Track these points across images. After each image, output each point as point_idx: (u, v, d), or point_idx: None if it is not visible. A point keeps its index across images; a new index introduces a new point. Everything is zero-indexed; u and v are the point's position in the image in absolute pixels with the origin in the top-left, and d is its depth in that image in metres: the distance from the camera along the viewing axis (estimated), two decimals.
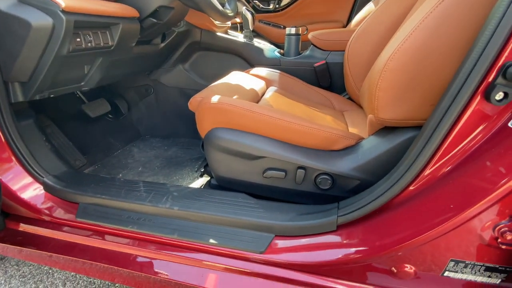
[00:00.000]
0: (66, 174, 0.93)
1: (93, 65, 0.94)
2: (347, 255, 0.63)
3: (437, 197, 0.52)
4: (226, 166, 0.84)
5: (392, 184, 0.59)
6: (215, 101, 0.81)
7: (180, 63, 1.45)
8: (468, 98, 0.47)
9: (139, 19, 0.97)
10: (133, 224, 0.79)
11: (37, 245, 0.88)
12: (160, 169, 1.27)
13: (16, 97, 0.82)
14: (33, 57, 0.74)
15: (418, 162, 0.55)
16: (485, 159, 0.47)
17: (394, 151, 0.69)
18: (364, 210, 0.62)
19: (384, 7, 1.04)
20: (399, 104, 0.63)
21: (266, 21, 2.32)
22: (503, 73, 0.44)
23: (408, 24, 0.60)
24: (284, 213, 0.73)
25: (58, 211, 0.87)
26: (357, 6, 2.18)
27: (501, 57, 0.45)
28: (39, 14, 0.69)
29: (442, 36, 0.54)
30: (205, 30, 1.38)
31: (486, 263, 0.53)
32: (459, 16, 0.52)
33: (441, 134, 0.51)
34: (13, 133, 0.81)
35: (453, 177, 0.51)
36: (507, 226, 0.47)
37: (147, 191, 0.85)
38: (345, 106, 1.22)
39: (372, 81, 0.66)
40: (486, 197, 0.46)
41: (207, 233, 0.74)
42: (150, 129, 1.61)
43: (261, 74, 1.28)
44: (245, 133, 0.81)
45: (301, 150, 0.79)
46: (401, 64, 0.59)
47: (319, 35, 1.33)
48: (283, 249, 0.69)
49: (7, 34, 0.71)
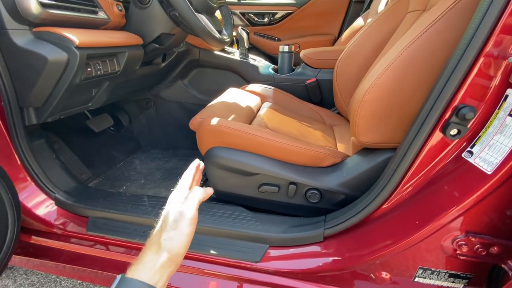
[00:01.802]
0: (76, 189, 1.00)
1: (100, 88, 1.02)
2: (332, 263, 0.71)
3: (406, 214, 0.61)
4: (225, 182, 0.92)
5: (370, 201, 0.67)
6: (214, 124, 0.89)
7: (180, 79, 1.52)
8: (429, 132, 0.56)
9: (142, 45, 1.05)
10: (140, 236, 0.86)
11: (50, 256, 0.95)
12: (162, 181, 1.34)
13: (30, 121, 0.90)
14: (48, 87, 0.82)
15: (391, 183, 0.64)
16: (443, 184, 0.56)
17: (374, 170, 0.77)
18: (346, 224, 0.71)
19: (368, 32, 1.13)
20: (376, 129, 0.72)
21: (261, 33, 2.41)
22: (456, 113, 0.53)
23: (383, 62, 0.69)
24: (277, 225, 0.81)
25: (69, 224, 0.94)
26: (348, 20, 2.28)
27: (455, 99, 0.54)
28: (55, 50, 0.77)
29: (410, 75, 0.63)
30: (203, 49, 1.47)
31: (449, 270, 0.61)
32: (423, 59, 0.62)
33: (409, 160, 0.60)
34: (28, 155, 0.88)
35: (419, 198, 0.60)
36: (463, 240, 0.55)
37: (152, 205, 0.93)
38: (335, 120, 1.31)
39: (354, 109, 0.75)
40: (444, 216, 0.54)
41: (208, 244, 0.81)
42: (151, 141, 1.68)
43: (256, 90, 1.36)
44: (242, 152, 0.89)
45: (292, 167, 0.88)
46: (377, 96, 0.68)
47: (309, 54, 1.42)
48: (277, 258, 0.78)
49: (25, 66, 0.78)
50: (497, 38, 0.51)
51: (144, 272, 0.39)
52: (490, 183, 0.50)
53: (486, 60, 0.52)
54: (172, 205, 0.45)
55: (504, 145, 0.49)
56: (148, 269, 0.39)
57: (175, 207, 0.44)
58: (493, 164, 0.50)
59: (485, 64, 0.52)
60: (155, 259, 0.40)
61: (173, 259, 0.41)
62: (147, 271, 0.39)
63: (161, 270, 0.40)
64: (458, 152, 0.56)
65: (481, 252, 0.55)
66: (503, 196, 0.51)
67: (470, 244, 0.55)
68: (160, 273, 0.40)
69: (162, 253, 0.40)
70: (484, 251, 0.55)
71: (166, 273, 0.40)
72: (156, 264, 0.40)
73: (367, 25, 1.16)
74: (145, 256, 0.41)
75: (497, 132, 0.51)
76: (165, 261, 0.40)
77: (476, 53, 0.51)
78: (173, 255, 0.41)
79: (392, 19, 1.08)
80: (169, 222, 0.43)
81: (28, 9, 0.73)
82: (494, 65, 0.52)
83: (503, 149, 0.49)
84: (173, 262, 0.41)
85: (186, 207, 0.44)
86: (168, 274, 0.41)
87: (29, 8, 0.72)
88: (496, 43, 0.51)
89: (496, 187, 0.50)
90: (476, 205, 0.52)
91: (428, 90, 0.60)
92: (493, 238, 0.54)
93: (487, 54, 0.51)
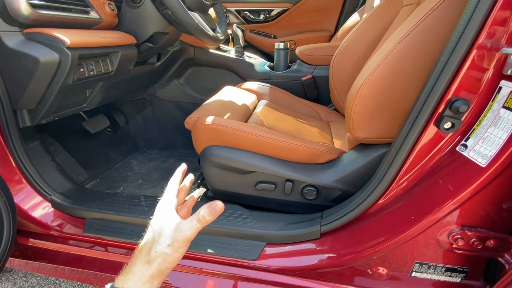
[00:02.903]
0: (72, 191, 1.00)
1: (94, 89, 1.01)
2: (329, 259, 0.71)
3: (402, 209, 0.61)
4: (221, 180, 0.92)
5: (366, 197, 0.67)
6: (209, 122, 0.89)
7: (175, 78, 1.52)
8: (423, 126, 0.56)
9: (136, 44, 1.04)
10: (137, 237, 0.86)
11: (47, 258, 0.94)
12: (159, 181, 1.34)
13: (24, 123, 0.89)
14: (41, 88, 0.81)
15: (386, 178, 0.63)
16: (438, 178, 0.56)
17: (369, 165, 0.77)
18: (343, 220, 0.71)
19: (363, 27, 1.13)
20: (371, 125, 0.71)
21: (257, 31, 2.39)
22: (449, 107, 0.53)
23: (376, 56, 0.69)
24: (274, 223, 0.81)
25: (66, 226, 0.93)
26: (344, 16, 2.27)
27: (448, 92, 0.53)
28: (46, 51, 0.76)
29: (403, 69, 0.63)
30: (198, 47, 1.46)
31: (446, 264, 0.61)
32: (416, 53, 0.61)
33: (403, 155, 0.59)
34: (22, 157, 0.88)
35: (414, 192, 0.60)
36: (459, 234, 0.55)
37: (149, 205, 0.92)
38: (331, 117, 1.30)
39: (348, 104, 0.75)
40: (439, 210, 0.54)
41: (205, 243, 0.81)
42: (148, 141, 1.67)
43: (252, 88, 1.36)
44: (238, 150, 0.89)
45: (289, 164, 0.87)
46: (371, 92, 0.68)
47: (305, 51, 1.41)
48: (274, 256, 0.77)
49: (17, 68, 0.78)
50: (490, 29, 0.50)
51: (134, 283, 0.39)
52: (484, 176, 0.49)
53: (479, 52, 0.51)
54: (164, 217, 0.44)
55: (498, 137, 0.49)
56: (137, 279, 0.40)
57: (169, 221, 0.43)
58: (488, 157, 0.50)
59: (478, 56, 0.52)
60: (145, 269, 0.40)
61: (163, 271, 0.41)
62: (137, 282, 0.39)
63: (150, 280, 0.40)
64: (453, 146, 0.55)
65: (477, 246, 0.55)
66: (498, 189, 0.51)
67: (466, 238, 0.55)
68: (149, 284, 0.40)
69: (152, 265, 0.40)
70: (480, 245, 0.55)
71: (155, 283, 0.41)
72: (145, 274, 0.40)
73: (362, 20, 1.16)
74: (135, 266, 0.41)
75: (491, 124, 0.51)
76: (155, 273, 0.40)
77: (468, 45, 0.51)
78: (163, 268, 0.41)
79: (387, 13, 1.07)
80: (164, 236, 0.42)
81: (18, 10, 0.72)
82: (487, 57, 0.51)
83: (497, 142, 0.49)
84: (162, 273, 0.41)
85: (189, 229, 0.42)
86: (157, 285, 0.41)
87: (19, 9, 0.72)
88: (489, 34, 0.50)
89: (490, 180, 0.50)
90: (471, 198, 0.52)
91: (422, 84, 0.60)
92: (489, 232, 0.54)
93: (480, 46, 0.51)
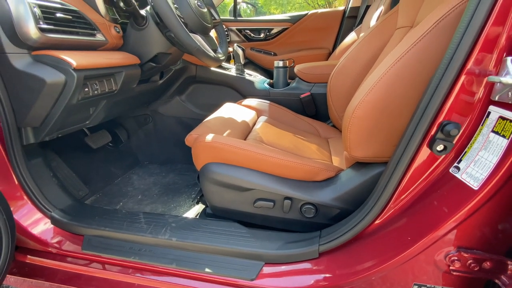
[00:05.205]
0: (72, 207, 1.00)
1: (98, 107, 1.04)
2: (328, 280, 0.70)
3: (398, 230, 0.61)
4: (220, 197, 0.93)
5: (363, 217, 0.67)
6: (209, 140, 0.90)
7: (177, 95, 1.55)
8: (416, 147, 0.57)
9: (139, 64, 1.08)
10: (135, 255, 0.86)
11: (44, 276, 0.94)
12: (159, 196, 1.35)
13: (28, 140, 0.91)
14: (46, 107, 0.84)
15: (382, 198, 0.64)
16: (433, 199, 0.57)
17: (367, 184, 0.78)
18: (341, 240, 0.71)
19: (359, 47, 1.16)
20: (367, 144, 0.73)
21: (257, 48, 2.46)
22: (441, 129, 0.54)
23: (371, 78, 0.71)
24: (272, 242, 0.81)
25: (64, 243, 0.93)
26: (341, 35, 2.34)
27: (440, 115, 0.55)
28: (53, 72, 0.79)
29: (396, 91, 0.65)
30: (200, 66, 1.50)
31: (444, 286, 0.61)
32: (409, 76, 0.63)
33: (399, 175, 0.60)
34: (25, 174, 0.89)
35: (410, 213, 0.60)
36: (455, 256, 0.55)
37: (147, 222, 0.92)
38: (330, 133, 1.32)
39: (345, 124, 0.76)
40: (435, 231, 0.54)
41: (203, 262, 0.81)
42: (149, 155, 1.69)
43: (252, 105, 1.39)
44: (237, 167, 0.90)
45: (287, 182, 0.88)
46: (366, 113, 0.70)
47: (303, 69, 1.45)
48: (272, 275, 0.77)
49: (23, 88, 0.80)
50: (477, 56, 0.53)
51: None
52: (477, 198, 0.50)
53: (467, 77, 0.53)
54: None
55: (488, 161, 0.50)
56: None
57: None
58: (479, 179, 0.51)
59: (467, 82, 0.54)
60: None
61: None
62: None
63: None
64: (446, 167, 0.57)
65: (474, 268, 0.55)
66: (491, 211, 0.51)
67: (463, 260, 0.55)
68: None
69: None
70: (477, 267, 0.55)
71: None
72: None
73: (359, 40, 1.20)
74: None
75: (482, 148, 0.52)
76: None
77: (457, 71, 0.53)
78: None
79: (382, 35, 1.11)
80: None
81: (27, 34, 0.75)
82: (475, 83, 0.53)
83: (488, 165, 0.50)
84: None
85: None
86: None
87: (28, 33, 0.75)
88: (476, 61, 0.52)
89: (483, 203, 0.50)
90: (466, 220, 0.53)
91: (415, 106, 0.62)
92: (485, 253, 0.54)
93: (468, 72, 0.53)
